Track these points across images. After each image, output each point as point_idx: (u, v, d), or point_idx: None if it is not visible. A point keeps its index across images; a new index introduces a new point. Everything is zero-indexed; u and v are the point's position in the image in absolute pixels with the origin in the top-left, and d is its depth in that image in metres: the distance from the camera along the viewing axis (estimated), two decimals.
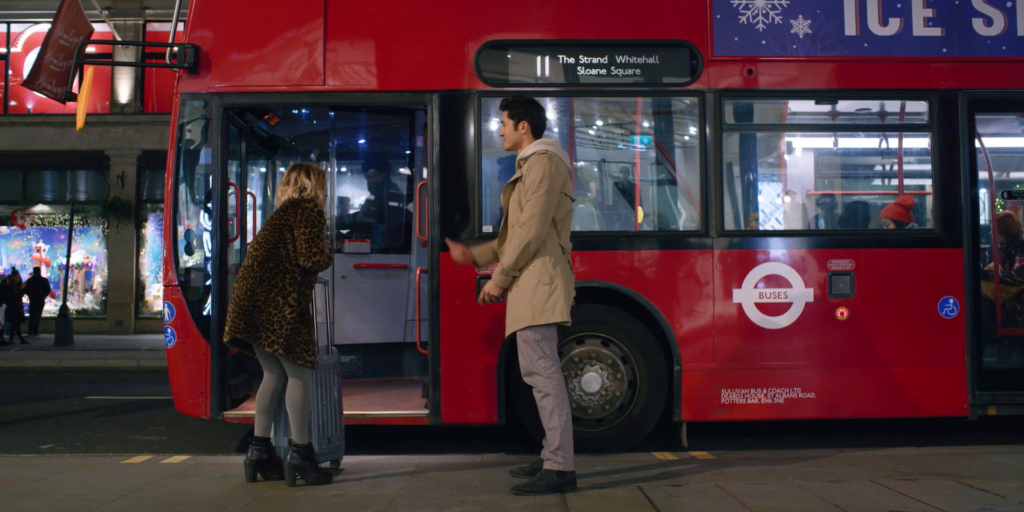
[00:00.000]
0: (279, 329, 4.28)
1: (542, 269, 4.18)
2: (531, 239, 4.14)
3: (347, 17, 5.58)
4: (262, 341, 4.29)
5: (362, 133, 8.06)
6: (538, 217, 4.13)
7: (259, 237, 4.45)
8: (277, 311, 4.30)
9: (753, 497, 4.10)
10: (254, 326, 4.30)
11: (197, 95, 5.53)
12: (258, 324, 4.29)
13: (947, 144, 5.64)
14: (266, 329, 4.28)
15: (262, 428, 4.51)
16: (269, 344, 4.28)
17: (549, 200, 4.14)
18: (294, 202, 4.45)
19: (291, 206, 4.44)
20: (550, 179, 4.15)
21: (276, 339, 4.28)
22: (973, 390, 5.55)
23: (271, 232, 4.42)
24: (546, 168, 4.16)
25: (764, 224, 6.36)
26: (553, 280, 4.17)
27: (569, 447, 4.17)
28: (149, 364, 12.60)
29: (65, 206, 19.31)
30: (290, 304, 4.32)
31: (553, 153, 4.24)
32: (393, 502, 4.06)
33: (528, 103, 4.41)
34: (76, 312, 18.64)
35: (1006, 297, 5.94)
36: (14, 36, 19.50)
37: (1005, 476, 4.53)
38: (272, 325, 4.28)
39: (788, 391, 5.50)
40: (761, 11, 5.62)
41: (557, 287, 4.17)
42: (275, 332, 4.28)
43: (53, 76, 5.85)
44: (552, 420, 4.16)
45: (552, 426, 4.16)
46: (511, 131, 4.39)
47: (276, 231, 4.40)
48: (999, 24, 5.69)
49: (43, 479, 4.63)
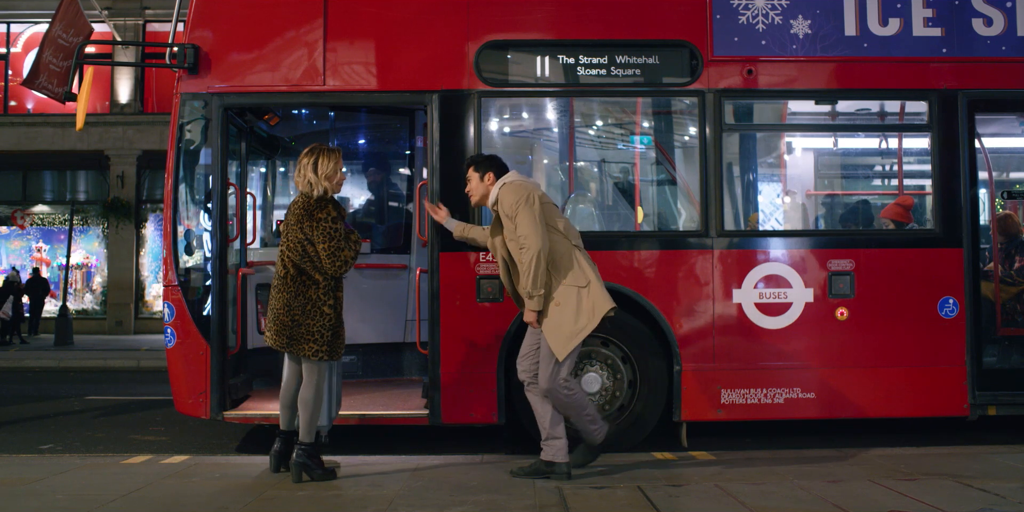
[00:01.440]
0: (321, 338, 4.41)
1: (568, 289, 4.39)
2: (535, 253, 4.29)
3: (347, 17, 5.58)
4: (306, 351, 4.40)
5: (362, 133, 8.06)
6: (531, 230, 4.31)
7: (285, 250, 4.47)
8: (316, 322, 4.42)
9: (753, 497, 4.10)
10: (295, 339, 4.41)
11: (197, 95, 5.52)
12: (299, 336, 4.41)
13: (947, 144, 5.64)
14: (307, 340, 4.41)
15: (286, 422, 4.62)
16: (313, 353, 4.41)
17: (531, 212, 4.34)
18: (308, 211, 4.41)
19: (305, 216, 4.40)
20: (525, 194, 4.38)
21: (319, 348, 4.41)
22: (973, 390, 5.55)
23: (294, 248, 4.43)
24: (513, 190, 4.42)
25: (764, 224, 6.37)
26: (580, 302, 4.37)
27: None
28: (149, 364, 12.59)
29: (65, 206, 19.30)
30: (326, 312, 4.44)
31: (513, 179, 4.52)
32: (393, 502, 4.06)
33: (489, 157, 4.71)
34: (76, 312, 18.63)
35: (1006, 297, 5.94)
36: (14, 36, 19.49)
37: (1005, 476, 4.53)
38: (314, 335, 4.41)
39: (788, 391, 5.50)
40: (761, 11, 5.62)
41: (583, 304, 4.39)
42: (318, 341, 4.41)
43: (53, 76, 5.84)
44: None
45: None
46: (477, 184, 4.65)
47: (299, 246, 4.42)
48: (999, 24, 5.69)
49: (43, 479, 4.62)
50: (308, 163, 4.46)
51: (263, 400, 5.90)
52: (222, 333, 5.49)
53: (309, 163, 4.45)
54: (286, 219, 4.54)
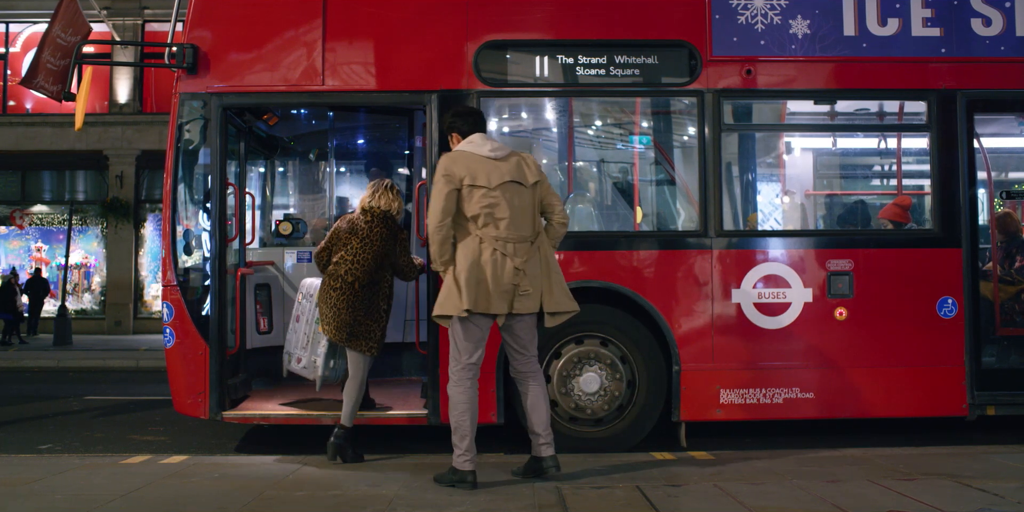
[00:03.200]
0: (375, 335, 5.04)
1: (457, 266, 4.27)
2: (429, 232, 4.30)
3: (346, 17, 5.58)
4: (361, 347, 5.01)
5: (361, 133, 8.06)
6: (431, 212, 4.27)
7: (359, 259, 5.00)
8: (375, 322, 5.05)
9: (752, 497, 4.11)
10: (355, 336, 5.00)
11: (196, 95, 5.52)
12: (358, 334, 5.01)
13: (946, 144, 5.64)
14: (365, 337, 5.02)
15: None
16: (367, 349, 5.02)
17: (437, 196, 4.25)
18: (391, 230, 5.10)
19: (388, 234, 5.08)
20: (441, 170, 4.27)
21: (372, 345, 5.04)
22: (972, 390, 5.55)
23: (374, 260, 5.02)
24: (440, 167, 4.31)
25: (763, 224, 6.37)
26: (457, 278, 4.22)
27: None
28: (148, 364, 12.59)
29: (64, 206, 19.30)
30: (383, 315, 5.10)
31: (455, 152, 4.37)
32: (392, 502, 4.06)
33: (454, 115, 4.54)
34: (75, 312, 18.62)
35: (1005, 297, 5.94)
36: (13, 36, 19.48)
37: (1004, 476, 4.53)
38: (371, 333, 5.04)
39: (787, 391, 5.50)
40: (760, 11, 5.62)
41: (455, 283, 4.22)
42: (372, 338, 5.04)
43: (51, 75, 5.84)
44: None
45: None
46: (449, 146, 4.56)
47: (378, 259, 5.04)
48: (998, 24, 5.69)
49: (41, 479, 4.62)
50: (387, 190, 5.20)
51: (262, 400, 5.91)
52: (221, 333, 5.49)
53: (388, 190, 5.21)
54: (363, 236, 5.02)
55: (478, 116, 4.54)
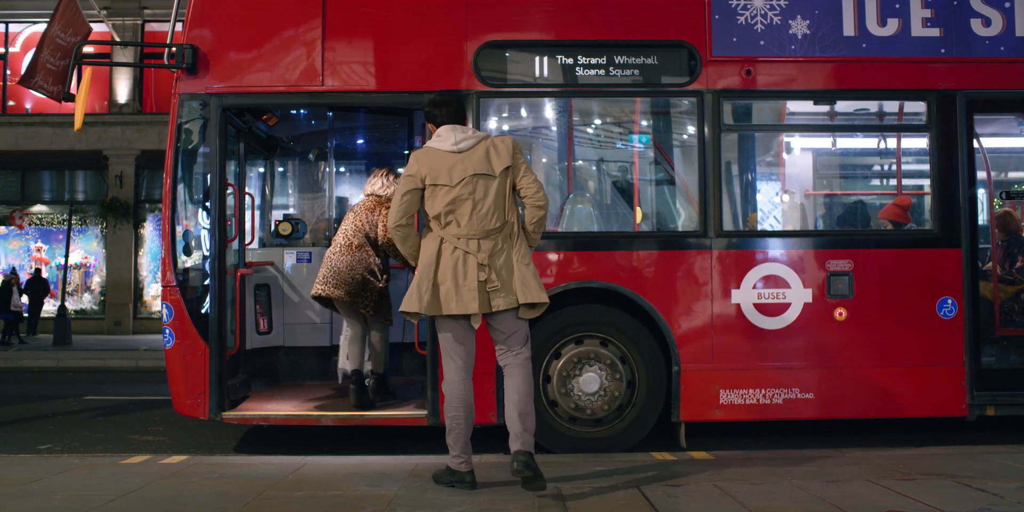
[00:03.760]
0: (373, 296, 5.97)
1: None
2: (389, 233, 4.36)
3: (345, 17, 5.57)
4: (363, 307, 5.96)
5: (361, 133, 8.06)
6: (389, 213, 4.27)
7: (350, 227, 6.02)
8: (374, 280, 6.00)
9: (752, 497, 4.10)
10: (353, 295, 5.90)
11: (195, 95, 5.52)
12: (355, 292, 5.91)
13: (945, 144, 5.64)
14: (362, 297, 5.94)
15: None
16: (364, 308, 5.95)
17: (395, 196, 4.22)
18: (378, 201, 6.09)
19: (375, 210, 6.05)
20: (406, 174, 4.22)
21: (368, 305, 5.97)
22: (971, 390, 5.55)
23: (358, 230, 6.01)
24: (407, 166, 4.25)
25: (763, 224, 6.37)
26: (415, 279, 4.20)
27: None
28: (147, 364, 12.60)
29: (63, 206, 19.32)
30: (379, 277, 6.03)
31: (422, 149, 4.26)
32: (392, 502, 4.05)
33: (430, 104, 4.38)
34: (74, 312, 18.63)
35: (1004, 297, 5.94)
36: (12, 36, 19.50)
37: (1004, 476, 4.53)
38: (368, 294, 5.96)
39: (787, 391, 5.50)
40: (760, 11, 5.62)
41: (415, 282, 4.18)
42: (370, 299, 5.97)
43: (50, 75, 5.84)
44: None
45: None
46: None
47: (361, 230, 6.01)
48: (997, 24, 5.69)
49: (41, 479, 4.62)
50: (384, 175, 6.27)
51: (261, 401, 5.90)
52: (221, 334, 5.49)
53: (385, 175, 6.28)
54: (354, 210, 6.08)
55: (453, 105, 4.36)
